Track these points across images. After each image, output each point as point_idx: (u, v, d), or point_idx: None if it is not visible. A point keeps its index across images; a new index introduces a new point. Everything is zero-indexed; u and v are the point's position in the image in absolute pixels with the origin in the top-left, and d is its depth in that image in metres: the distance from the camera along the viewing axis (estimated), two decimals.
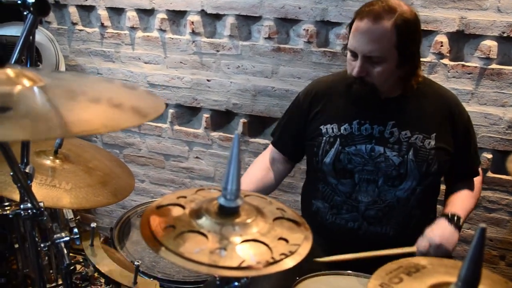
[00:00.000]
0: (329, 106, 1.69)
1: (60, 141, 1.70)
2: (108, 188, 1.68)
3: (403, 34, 1.44)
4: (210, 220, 0.81)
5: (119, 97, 0.94)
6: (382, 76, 1.51)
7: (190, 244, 0.76)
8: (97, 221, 3.13)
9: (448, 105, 1.62)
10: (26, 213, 1.23)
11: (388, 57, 1.47)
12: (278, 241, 0.80)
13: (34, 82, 0.85)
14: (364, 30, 1.45)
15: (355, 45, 1.49)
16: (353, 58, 1.53)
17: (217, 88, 2.52)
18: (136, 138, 2.82)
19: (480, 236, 0.73)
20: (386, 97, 1.59)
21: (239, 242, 0.77)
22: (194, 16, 2.45)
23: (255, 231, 0.81)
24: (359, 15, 1.48)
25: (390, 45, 1.45)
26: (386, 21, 1.43)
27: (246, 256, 0.74)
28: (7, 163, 1.07)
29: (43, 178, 1.55)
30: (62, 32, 2.80)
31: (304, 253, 0.80)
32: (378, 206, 1.60)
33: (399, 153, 1.56)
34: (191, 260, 0.72)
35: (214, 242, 0.76)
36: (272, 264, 0.75)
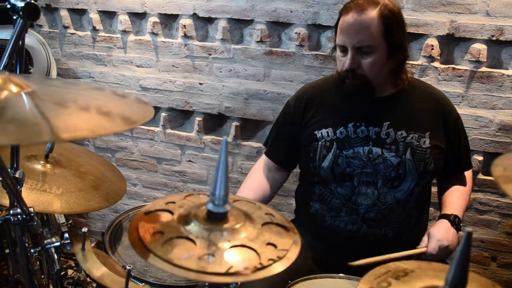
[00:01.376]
0: (322, 110, 1.68)
1: (50, 145, 1.69)
2: (100, 192, 1.67)
3: (389, 23, 1.47)
4: (199, 226, 0.81)
5: (108, 105, 0.93)
6: (373, 67, 1.51)
7: (178, 250, 0.75)
8: (90, 226, 3.12)
9: (438, 103, 1.64)
10: (16, 219, 1.22)
11: (377, 47, 1.48)
12: (267, 247, 0.80)
13: (22, 88, 0.84)
14: (351, 22, 1.47)
15: (343, 38, 1.51)
16: (342, 54, 1.55)
17: (209, 91, 2.52)
18: (129, 142, 2.82)
19: (466, 240, 0.73)
20: (379, 96, 1.60)
21: (227, 247, 0.77)
22: (186, 19, 2.45)
23: (243, 236, 0.81)
24: (345, 11, 1.51)
25: (378, 34, 1.47)
26: (371, 10, 1.46)
27: (234, 262, 0.74)
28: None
29: (34, 183, 1.55)
30: (54, 36, 2.79)
31: (292, 258, 0.80)
32: (378, 209, 1.60)
33: (397, 154, 1.57)
34: (180, 266, 0.72)
35: (202, 248, 0.76)
36: (260, 269, 0.75)
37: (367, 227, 1.62)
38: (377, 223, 1.61)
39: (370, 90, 1.57)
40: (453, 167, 1.73)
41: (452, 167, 1.71)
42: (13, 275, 2.30)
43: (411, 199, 1.61)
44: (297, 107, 1.74)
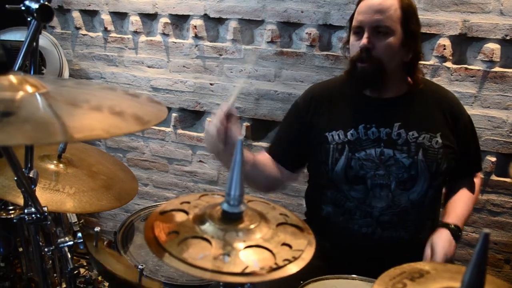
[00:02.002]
0: (332, 111, 1.66)
1: (63, 145, 1.70)
2: (111, 192, 1.68)
3: (407, 12, 1.48)
4: (214, 226, 0.80)
5: (120, 105, 0.94)
6: (388, 50, 1.50)
7: (193, 250, 0.75)
8: (101, 225, 3.14)
9: (448, 103, 1.63)
10: (30, 218, 1.23)
11: (394, 31, 1.48)
12: (282, 247, 0.80)
13: (37, 89, 0.85)
14: (371, 2, 1.49)
15: (362, 18, 1.50)
16: (357, 38, 1.53)
17: (220, 92, 2.52)
18: (140, 142, 2.83)
19: (483, 242, 0.72)
20: (390, 96, 1.59)
21: (243, 248, 0.77)
22: (197, 20, 2.45)
23: (258, 236, 0.80)
24: None
25: (396, 19, 1.48)
26: None
27: (249, 262, 0.74)
28: (11, 168, 1.07)
29: (47, 183, 1.56)
30: (66, 37, 2.81)
31: (307, 258, 0.79)
32: (393, 211, 1.58)
33: (409, 155, 1.55)
34: (195, 266, 0.72)
35: (218, 248, 0.76)
36: (275, 270, 0.74)
37: (382, 230, 1.60)
38: (392, 225, 1.59)
39: (382, 77, 1.53)
40: (462, 169, 1.70)
41: (461, 169, 1.69)
42: (26, 273, 2.32)
43: (425, 201, 1.59)
44: (305, 106, 1.70)
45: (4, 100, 0.77)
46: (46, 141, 0.75)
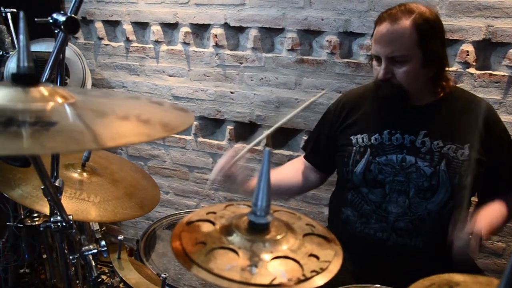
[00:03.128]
0: (359, 116, 1.68)
1: (87, 154, 1.73)
2: (134, 200, 1.70)
3: (423, 32, 1.44)
4: (241, 237, 0.80)
5: (146, 113, 0.95)
6: (408, 77, 1.49)
7: (221, 261, 0.75)
8: (122, 232, 3.16)
9: (482, 113, 1.57)
10: (56, 226, 1.25)
11: (411, 56, 1.46)
12: (309, 258, 0.79)
13: (66, 99, 0.86)
14: (383, 32, 1.47)
15: (377, 49, 1.51)
16: (377, 63, 1.54)
17: (240, 100, 2.53)
18: (161, 150, 2.85)
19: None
20: (417, 104, 1.57)
21: (270, 259, 0.77)
22: (217, 29, 2.46)
23: (285, 247, 0.80)
24: (379, 21, 1.51)
25: (412, 43, 1.45)
26: (404, 20, 1.44)
27: (277, 273, 0.74)
28: (39, 176, 1.09)
29: (73, 192, 1.58)
30: (89, 47, 2.85)
31: (335, 270, 0.79)
32: (408, 218, 1.56)
33: (431, 164, 1.53)
34: (223, 277, 0.72)
35: (245, 259, 0.75)
36: (303, 281, 0.74)
37: (396, 236, 1.58)
38: (407, 233, 1.58)
39: (405, 99, 1.54)
40: (495, 185, 1.64)
41: (494, 184, 1.63)
42: (50, 279, 2.36)
43: (444, 212, 1.55)
44: (336, 111, 1.76)
45: (36, 111, 0.78)
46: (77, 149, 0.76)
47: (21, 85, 0.83)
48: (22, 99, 0.81)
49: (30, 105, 0.80)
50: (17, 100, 0.80)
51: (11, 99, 0.80)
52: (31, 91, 0.83)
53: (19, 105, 0.80)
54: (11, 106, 0.78)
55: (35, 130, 0.72)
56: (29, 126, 0.74)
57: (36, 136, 0.70)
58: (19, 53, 0.85)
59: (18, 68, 0.85)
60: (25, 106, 0.80)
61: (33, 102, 0.81)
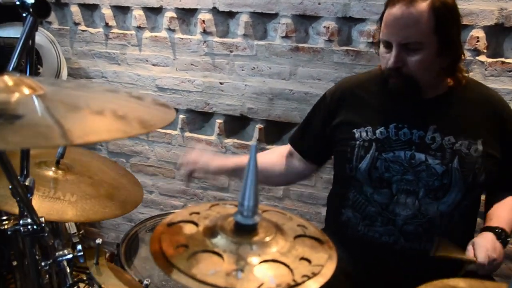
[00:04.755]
0: (362, 107, 1.66)
1: (62, 151, 1.71)
2: (115, 199, 1.69)
3: (441, 17, 1.41)
4: (226, 239, 0.80)
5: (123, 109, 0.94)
6: (421, 66, 1.47)
7: (204, 265, 0.75)
8: (102, 236, 3.15)
9: (496, 107, 1.58)
10: (26, 229, 1.24)
11: (426, 43, 1.44)
12: (300, 262, 0.79)
13: (34, 91, 0.85)
14: (398, 15, 1.43)
15: (388, 34, 1.47)
16: (386, 50, 1.51)
17: (230, 91, 2.52)
18: (144, 146, 2.84)
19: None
20: (427, 97, 1.56)
21: (257, 262, 0.76)
22: (205, 14, 2.46)
23: (274, 250, 0.80)
24: (391, 2, 1.46)
25: (428, 30, 1.42)
26: (421, 2, 1.40)
27: (265, 278, 0.73)
28: (6, 176, 1.08)
29: (46, 190, 1.57)
30: (64, 33, 2.83)
31: (328, 275, 0.78)
32: (418, 221, 1.55)
33: (443, 161, 1.51)
34: (206, 282, 0.72)
35: (230, 263, 0.75)
36: (293, 287, 0.74)
37: (405, 241, 1.58)
38: (417, 237, 1.57)
39: (417, 91, 1.53)
40: (507, 180, 1.65)
41: (507, 180, 1.64)
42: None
43: (456, 213, 1.55)
44: (334, 100, 1.72)
45: None
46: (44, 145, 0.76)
47: None
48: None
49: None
50: None
51: None
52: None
53: None
54: None
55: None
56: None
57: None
58: None
59: None
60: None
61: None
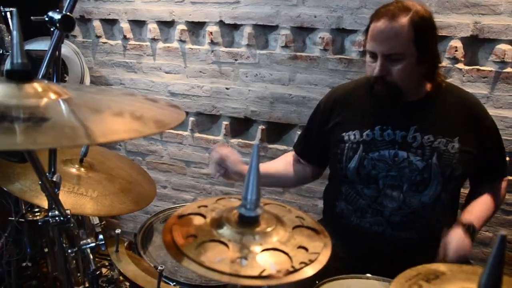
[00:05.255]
0: (350, 112, 1.66)
1: (85, 150, 1.72)
2: (131, 195, 1.69)
3: (420, 29, 1.42)
4: (231, 230, 0.80)
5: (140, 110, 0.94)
6: (403, 74, 1.47)
7: (211, 253, 0.75)
8: (122, 226, 3.15)
9: (471, 109, 1.58)
10: (54, 220, 1.24)
11: (407, 54, 1.45)
12: (298, 250, 0.79)
13: (60, 96, 0.85)
14: (381, 29, 1.44)
15: (373, 45, 1.48)
16: (372, 60, 1.51)
17: (235, 96, 2.52)
18: (158, 146, 2.84)
19: (500, 244, 0.70)
20: (409, 100, 1.56)
21: (260, 251, 0.76)
22: (212, 26, 2.45)
23: (275, 240, 0.80)
24: (376, 17, 1.47)
25: (408, 41, 1.43)
26: (402, 18, 1.42)
27: (266, 265, 0.73)
28: (35, 172, 1.08)
29: (71, 186, 1.57)
30: (87, 45, 2.83)
31: (324, 261, 0.78)
32: (403, 212, 1.56)
33: (423, 158, 1.52)
34: (213, 269, 0.72)
35: (235, 251, 0.75)
36: (292, 272, 0.74)
37: (392, 230, 1.58)
38: (402, 226, 1.57)
39: (400, 95, 1.53)
40: (485, 175, 1.67)
41: (483, 174, 1.66)
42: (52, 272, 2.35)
43: (437, 204, 1.56)
44: (327, 108, 1.73)
45: (30, 107, 0.78)
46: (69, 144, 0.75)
47: (15, 81, 0.82)
48: (15, 95, 0.80)
49: (23, 101, 0.79)
50: (10, 96, 0.79)
51: (4, 95, 0.79)
52: (24, 87, 0.82)
53: (13, 101, 0.79)
54: (4, 102, 0.78)
55: (28, 125, 0.71)
56: (22, 121, 0.73)
57: (29, 132, 0.69)
58: (13, 49, 0.84)
59: (11, 65, 0.84)
60: (19, 102, 0.79)
61: (27, 98, 0.80)
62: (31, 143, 0.68)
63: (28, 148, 0.93)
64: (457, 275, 0.89)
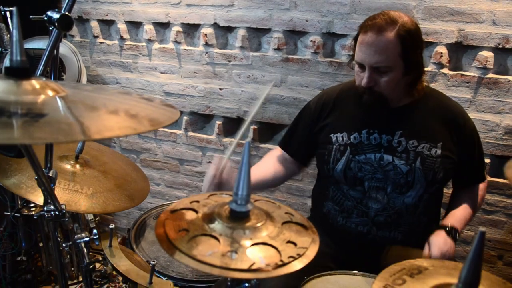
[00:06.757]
0: (339, 115, 1.67)
1: (81, 146, 1.71)
2: (125, 192, 1.68)
3: (406, 43, 1.42)
4: (222, 224, 0.80)
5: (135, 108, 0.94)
6: (389, 85, 1.49)
7: (202, 247, 0.75)
8: (116, 222, 3.14)
9: (452, 114, 1.59)
10: (49, 215, 1.23)
11: (394, 66, 1.45)
12: (287, 244, 0.79)
13: (57, 93, 0.85)
14: (369, 42, 1.44)
15: (362, 57, 1.48)
16: (361, 70, 1.52)
17: (229, 96, 2.52)
18: (152, 144, 2.83)
19: (479, 240, 0.71)
20: (395, 106, 1.57)
21: (249, 245, 0.76)
22: (207, 28, 2.45)
23: (264, 234, 0.80)
24: (363, 29, 1.47)
25: (395, 55, 1.43)
26: (389, 32, 1.42)
27: (256, 259, 0.73)
28: (32, 167, 1.07)
29: (66, 183, 1.56)
30: (84, 45, 2.82)
31: (311, 256, 0.79)
32: (387, 212, 1.57)
33: (407, 162, 1.53)
34: (204, 262, 0.72)
35: (226, 245, 0.75)
36: (281, 266, 0.74)
37: (377, 230, 1.59)
38: (387, 226, 1.59)
39: (386, 103, 1.55)
40: (465, 179, 1.69)
41: (464, 178, 1.68)
42: (46, 266, 2.34)
43: (420, 205, 1.58)
44: (317, 109, 1.73)
45: (27, 103, 0.77)
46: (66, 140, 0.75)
47: (14, 78, 0.82)
48: (14, 92, 0.80)
49: (21, 97, 0.79)
50: (9, 92, 0.79)
51: (3, 91, 0.79)
52: (23, 84, 0.82)
53: (11, 97, 0.78)
54: (3, 98, 0.77)
55: (25, 121, 0.71)
56: (19, 117, 0.72)
57: (26, 127, 0.69)
58: (12, 47, 0.83)
59: (11, 62, 0.83)
60: (17, 98, 0.78)
61: (25, 95, 0.80)
62: (28, 138, 0.68)
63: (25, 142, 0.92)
64: (439, 270, 0.90)
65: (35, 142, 0.75)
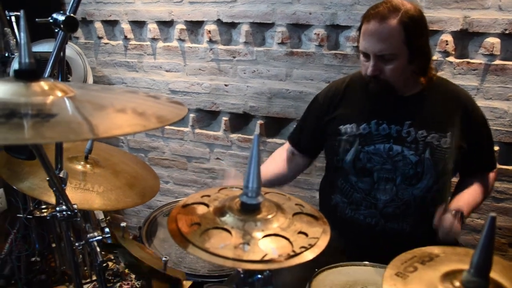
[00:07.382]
0: (347, 106, 1.67)
1: (90, 146, 1.72)
2: (136, 189, 1.69)
3: (409, 29, 1.42)
4: (233, 217, 0.81)
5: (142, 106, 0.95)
6: (395, 73, 1.49)
7: (215, 240, 0.76)
8: (126, 221, 3.16)
9: (462, 103, 1.58)
10: (62, 215, 1.25)
11: (398, 54, 1.45)
12: (298, 235, 0.80)
13: (65, 93, 0.86)
14: (372, 31, 1.44)
15: (366, 46, 1.48)
16: (365, 59, 1.52)
17: (234, 92, 2.52)
18: (160, 142, 2.85)
19: (490, 225, 0.72)
20: (403, 95, 1.57)
21: (261, 237, 0.77)
22: (210, 25, 2.46)
23: (276, 226, 0.81)
24: (366, 18, 1.48)
25: (399, 42, 1.43)
26: (392, 19, 1.42)
27: (268, 250, 0.74)
28: (44, 168, 1.09)
29: (77, 183, 1.58)
30: (89, 46, 2.84)
31: (323, 246, 0.79)
32: (396, 204, 1.57)
33: (416, 152, 1.53)
34: (217, 255, 0.73)
35: (238, 238, 0.76)
36: (293, 257, 0.75)
37: (385, 221, 1.59)
38: (395, 217, 1.59)
39: (393, 91, 1.55)
40: (475, 167, 1.67)
41: (473, 167, 1.67)
42: (60, 267, 2.37)
43: (428, 196, 1.57)
44: (325, 102, 1.73)
45: (37, 104, 0.79)
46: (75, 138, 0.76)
47: (23, 80, 0.83)
48: (24, 93, 0.81)
49: (31, 98, 0.80)
50: (19, 94, 0.80)
51: (13, 93, 0.80)
52: (32, 86, 0.83)
53: (21, 99, 0.80)
54: (13, 99, 0.79)
55: (36, 121, 0.72)
56: (30, 118, 0.74)
57: (37, 127, 0.70)
58: (20, 50, 0.84)
59: (19, 64, 0.84)
60: (27, 100, 0.80)
61: (34, 96, 0.81)
62: (39, 137, 0.69)
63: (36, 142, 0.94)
64: (450, 257, 0.90)
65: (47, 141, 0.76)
